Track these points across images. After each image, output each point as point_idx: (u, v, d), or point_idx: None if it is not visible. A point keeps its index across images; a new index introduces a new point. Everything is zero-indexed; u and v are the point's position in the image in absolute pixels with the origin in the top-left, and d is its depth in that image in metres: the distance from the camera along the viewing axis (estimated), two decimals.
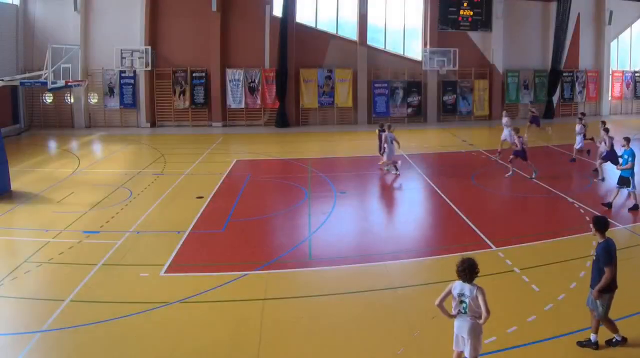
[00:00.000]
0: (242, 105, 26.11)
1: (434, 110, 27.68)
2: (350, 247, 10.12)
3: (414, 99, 27.44)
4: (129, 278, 8.38)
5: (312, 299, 7.79)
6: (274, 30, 25.47)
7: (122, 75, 25.25)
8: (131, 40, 24.89)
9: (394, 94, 27.21)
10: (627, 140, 12.01)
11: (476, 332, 5.25)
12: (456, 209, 12.04)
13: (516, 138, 15.01)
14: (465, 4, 27.66)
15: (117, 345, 6.39)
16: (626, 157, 11.71)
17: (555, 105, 29.07)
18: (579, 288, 7.53)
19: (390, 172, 15.71)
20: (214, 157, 18.77)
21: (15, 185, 14.07)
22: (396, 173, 15.50)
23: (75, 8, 24.36)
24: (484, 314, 5.10)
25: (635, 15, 30.28)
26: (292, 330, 6.80)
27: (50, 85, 15.98)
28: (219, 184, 14.60)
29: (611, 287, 6.04)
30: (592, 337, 6.20)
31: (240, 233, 10.69)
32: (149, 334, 6.67)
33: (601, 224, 6.16)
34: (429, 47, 27.10)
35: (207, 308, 7.41)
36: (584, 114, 19.05)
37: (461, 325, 5.28)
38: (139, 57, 24.70)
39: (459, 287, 5.26)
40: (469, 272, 5.16)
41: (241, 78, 25.84)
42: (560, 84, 28.85)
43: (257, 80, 25.96)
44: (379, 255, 9.41)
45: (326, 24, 26.93)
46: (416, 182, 15.21)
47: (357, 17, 26.76)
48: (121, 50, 24.66)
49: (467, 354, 5.28)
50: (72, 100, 25.34)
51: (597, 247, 6.11)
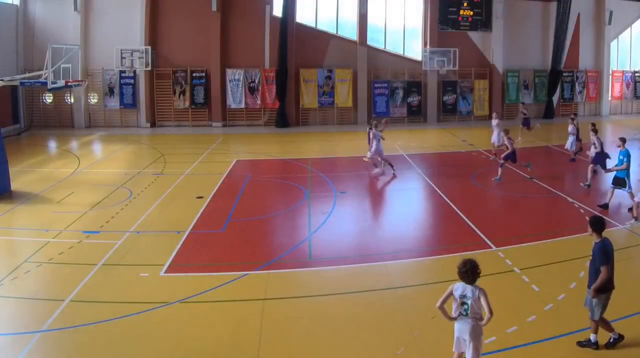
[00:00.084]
0: (242, 105, 26.12)
1: (434, 110, 27.68)
2: (350, 247, 10.12)
3: (414, 99, 27.45)
4: (129, 278, 8.38)
5: (312, 299, 7.79)
6: (274, 30, 25.47)
7: (122, 75, 25.25)
8: (131, 40, 24.90)
9: (394, 94, 27.21)
10: (623, 140, 11.89)
11: (477, 334, 5.23)
12: (456, 209, 12.04)
13: (506, 139, 14.95)
14: (465, 4, 27.66)
15: (117, 345, 6.40)
16: (621, 157, 11.61)
17: (555, 105, 29.08)
18: (578, 288, 7.52)
19: (384, 173, 15.79)
20: (214, 157, 18.77)
21: (15, 185, 14.08)
22: (380, 171, 15.75)
23: (75, 8, 24.35)
24: (487, 315, 5.08)
25: (635, 15, 30.28)
26: (292, 330, 6.80)
27: (50, 85, 15.94)
28: (219, 184, 14.60)
29: (607, 287, 6.04)
30: (592, 337, 6.21)
31: (240, 233, 10.70)
32: (149, 334, 6.67)
33: (598, 224, 6.16)
34: (429, 47, 27.10)
35: (207, 308, 7.41)
36: (576, 114, 19.03)
37: (462, 328, 5.24)
38: (139, 57, 24.70)
39: (460, 288, 5.22)
40: (471, 273, 5.13)
41: (241, 78, 25.84)
42: (560, 84, 28.85)
43: (257, 80, 25.96)
44: (379, 255, 9.41)
45: (326, 24, 26.93)
46: (416, 182, 15.23)
47: (357, 17, 26.76)
48: (121, 50, 24.67)
49: (469, 356, 5.25)
50: (72, 100, 25.35)
51: (594, 247, 6.13)
